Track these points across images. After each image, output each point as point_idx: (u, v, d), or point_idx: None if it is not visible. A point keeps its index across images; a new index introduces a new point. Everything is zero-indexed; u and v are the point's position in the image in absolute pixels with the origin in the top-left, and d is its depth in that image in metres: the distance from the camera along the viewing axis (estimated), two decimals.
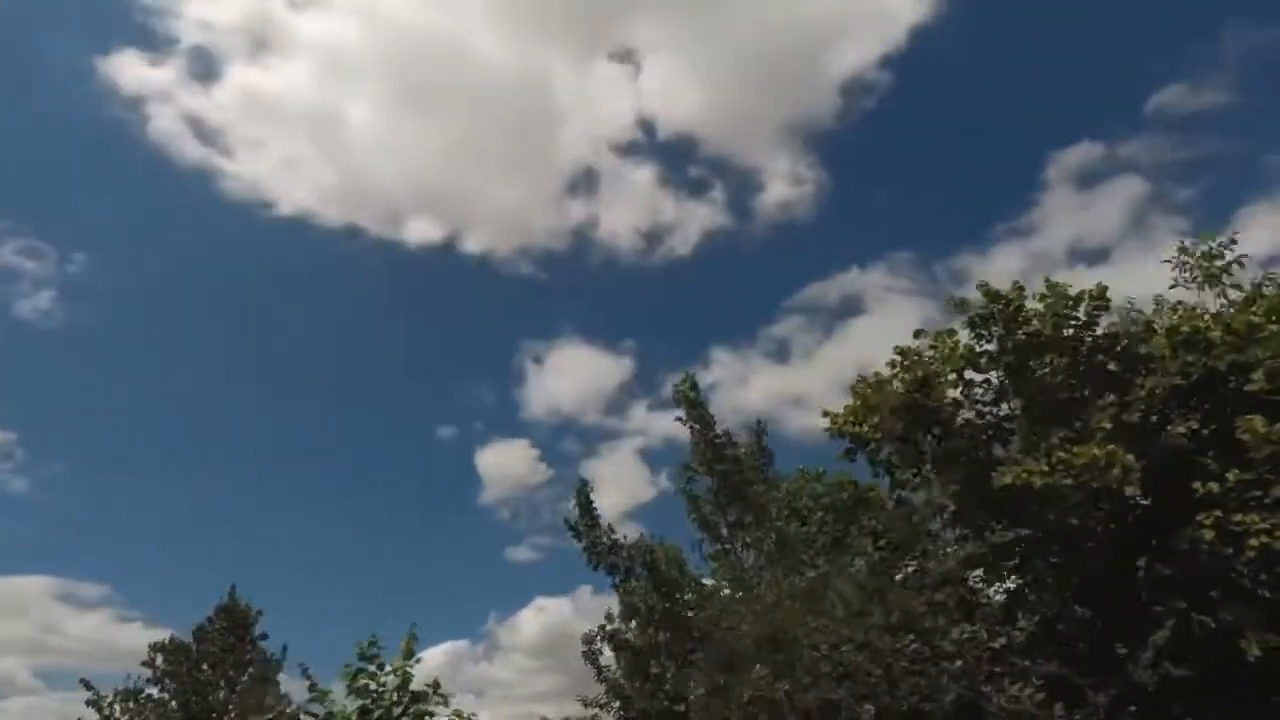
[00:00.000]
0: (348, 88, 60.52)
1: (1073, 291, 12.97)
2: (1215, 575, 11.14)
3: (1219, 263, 13.25)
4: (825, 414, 14.50)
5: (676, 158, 61.73)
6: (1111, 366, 12.74)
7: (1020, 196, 61.00)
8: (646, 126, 61.85)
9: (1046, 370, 12.90)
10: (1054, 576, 12.81)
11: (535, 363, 58.67)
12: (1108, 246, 54.30)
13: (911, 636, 12.19)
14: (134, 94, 58.40)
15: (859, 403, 14.10)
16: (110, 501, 56.40)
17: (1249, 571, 10.87)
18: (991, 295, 13.08)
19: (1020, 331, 13.00)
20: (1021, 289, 13.09)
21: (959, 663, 12.00)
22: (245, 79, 56.65)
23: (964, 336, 13.51)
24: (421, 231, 59.80)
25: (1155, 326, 12.87)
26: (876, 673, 11.82)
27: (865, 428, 13.99)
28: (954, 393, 13.59)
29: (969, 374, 13.62)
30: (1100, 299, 12.99)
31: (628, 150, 61.40)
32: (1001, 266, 53.46)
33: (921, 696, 11.78)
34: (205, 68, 63.58)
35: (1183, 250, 13.56)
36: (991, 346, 13.47)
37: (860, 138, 58.35)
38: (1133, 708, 11.50)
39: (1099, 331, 12.91)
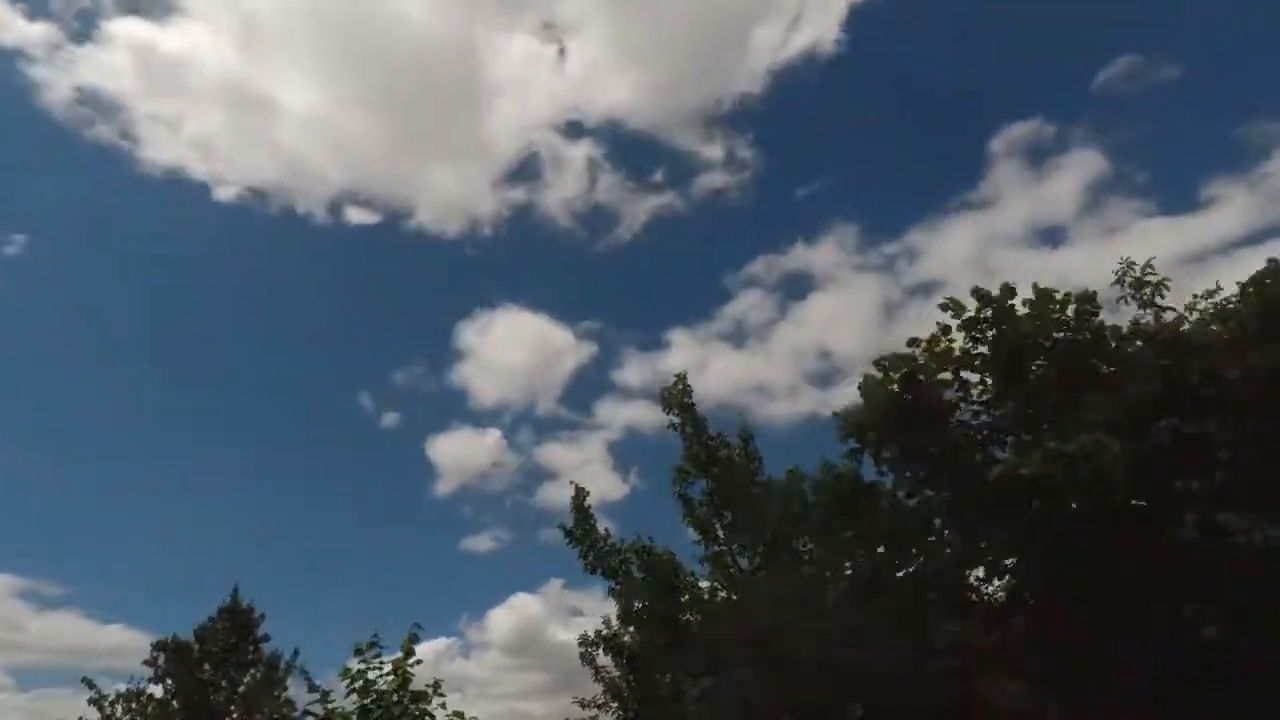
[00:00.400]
0: (265, 57, 58.68)
1: (1059, 295, 13.16)
2: (1204, 574, 11.28)
3: (1147, 289, 13.64)
4: (835, 414, 14.69)
5: (611, 138, 59.42)
6: (1101, 369, 12.90)
7: (968, 173, 59.47)
8: (579, 106, 61.10)
9: (1036, 372, 13.06)
10: (1047, 575, 12.94)
11: (482, 347, 56.84)
12: (1064, 226, 53.41)
13: (904, 635, 12.34)
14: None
15: (865, 401, 14.23)
16: (49, 491, 53.52)
17: (1238, 571, 11.02)
18: (983, 297, 13.25)
19: (1011, 334, 13.17)
20: (1012, 290, 13.25)
21: (951, 660, 12.15)
22: (144, 42, 54.93)
23: (959, 338, 13.66)
24: (355, 213, 57.22)
25: (1141, 329, 13.07)
26: (868, 671, 11.96)
27: (870, 429, 14.11)
28: (949, 394, 13.73)
29: (964, 375, 13.76)
30: (1089, 302, 13.20)
31: (563, 131, 60.06)
32: (955, 245, 52.76)
33: (914, 695, 11.92)
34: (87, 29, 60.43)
35: (1119, 278, 13.90)
36: (985, 349, 13.63)
37: (800, 114, 57.92)
38: (1127, 706, 11.64)
39: (1087, 335, 13.08)
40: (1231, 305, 13.02)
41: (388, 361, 61.53)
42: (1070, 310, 13.08)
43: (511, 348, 57.22)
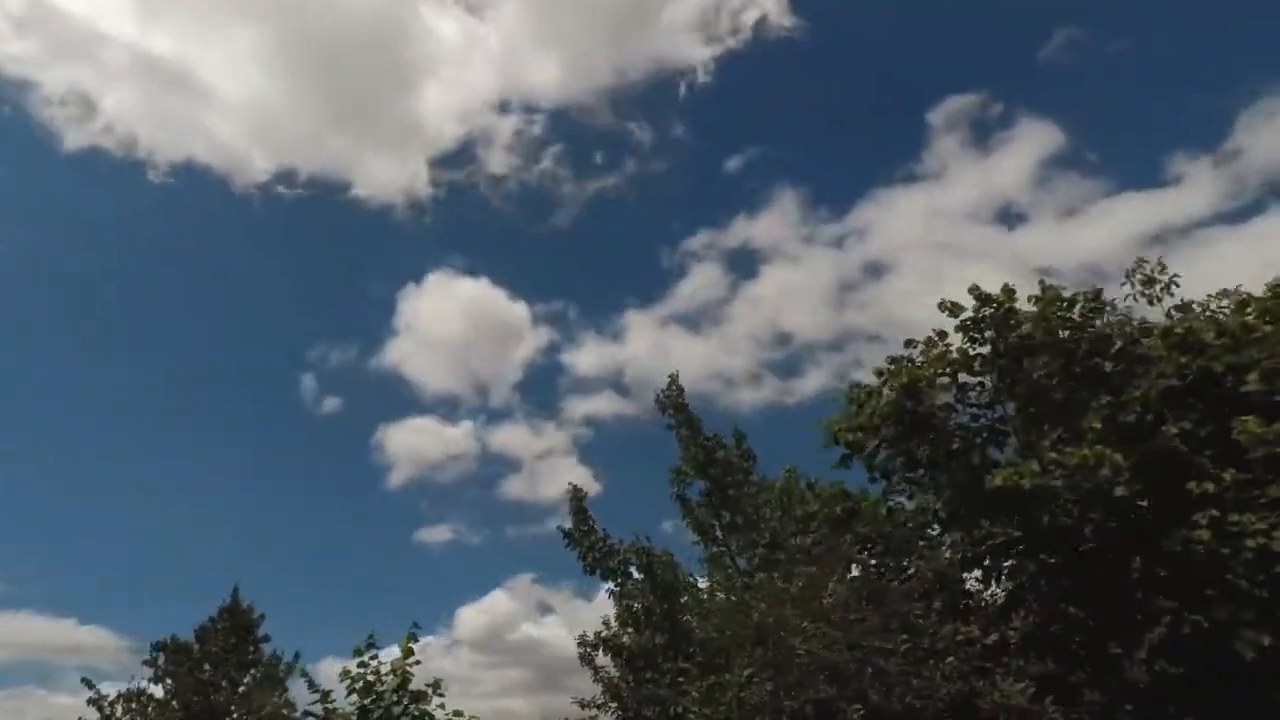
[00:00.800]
0: (194, 35, 58.84)
1: (1067, 294, 13.14)
2: (1211, 575, 11.26)
3: (1158, 286, 13.60)
4: (820, 422, 14.67)
5: (540, 118, 59.81)
6: (1107, 367, 12.86)
7: (911, 147, 59.73)
8: (508, 86, 61.21)
9: (1040, 373, 13.03)
10: (1048, 576, 12.92)
11: (425, 327, 55.98)
12: (1017, 202, 53.87)
13: (904, 636, 12.32)
14: None
15: (855, 409, 14.22)
16: None
17: (1245, 572, 10.99)
18: (982, 298, 13.23)
19: (1012, 334, 13.14)
20: (1012, 291, 13.23)
21: (951, 659, 12.13)
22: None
23: (956, 339, 13.65)
24: (290, 189, 56.81)
25: (1150, 327, 13.01)
26: (868, 672, 11.94)
27: (860, 434, 14.11)
28: (947, 397, 13.71)
29: (962, 377, 13.74)
30: (1095, 301, 13.15)
31: (496, 108, 60.62)
32: (903, 221, 53.42)
33: (914, 696, 11.90)
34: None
35: (1128, 275, 13.81)
36: (984, 349, 13.61)
37: (739, 87, 57.69)
38: (1127, 707, 11.61)
39: (1092, 333, 13.03)
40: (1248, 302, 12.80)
41: (325, 340, 59.78)
42: (1076, 311, 13.03)
43: (458, 329, 56.55)
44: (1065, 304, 13.12)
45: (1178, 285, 13.63)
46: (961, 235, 52.93)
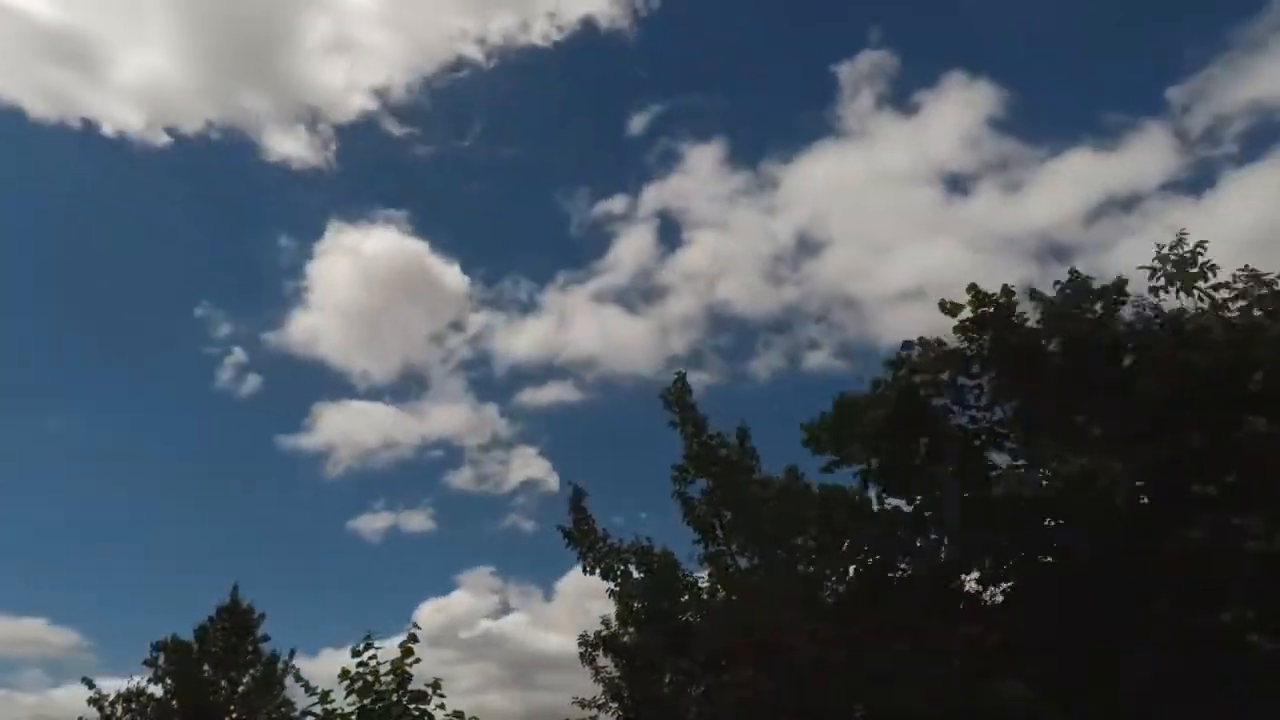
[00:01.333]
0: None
1: (1095, 285, 12.94)
2: (1213, 576, 11.24)
3: (1192, 269, 12.69)
4: (802, 427, 14.65)
5: (450, 79, 57.63)
6: (1109, 366, 12.82)
7: (826, 105, 57.58)
8: (411, 45, 60.92)
9: (1040, 374, 13.00)
10: (1048, 577, 12.92)
11: (338, 299, 54.27)
12: (951, 165, 52.52)
13: (904, 636, 12.31)
14: None
15: (837, 418, 14.19)
16: None
17: (1247, 573, 10.98)
18: (981, 299, 13.19)
19: (1012, 335, 13.11)
20: (1011, 292, 13.20)
21: (951, 660, 12.13)
22: None
23: (954, 340, 13.62)
24: (183, 146, 53.90)
25: (1164, 322, 12.76)
26: (868, 672, 11.94)
27: (845, 443, 14.07)
28: (944, 399, 13.69)
29: (961, 379, 13.72)
30: (1119, 292, 12.91)
31: (398, 70, 58.58)
32: (828, 182, 52.09)
33: (914, 697, 11.90)
34: None
35: (1159, 255, 12.93)
36: (984, 350, 13.58)
37: (646, 39, 55.53)
38: (1129, 708, 11.62)
39: (1113, 328, 12.87)
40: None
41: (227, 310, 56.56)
42: (1099, 305, 12.88)
43: (372, 296, 54.62)
44: (1091, 296, 12.94)
45: (1214, 272, 12.50)
46: (894, 196, 52.01)
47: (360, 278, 56.00)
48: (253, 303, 62.19)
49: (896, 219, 52.86)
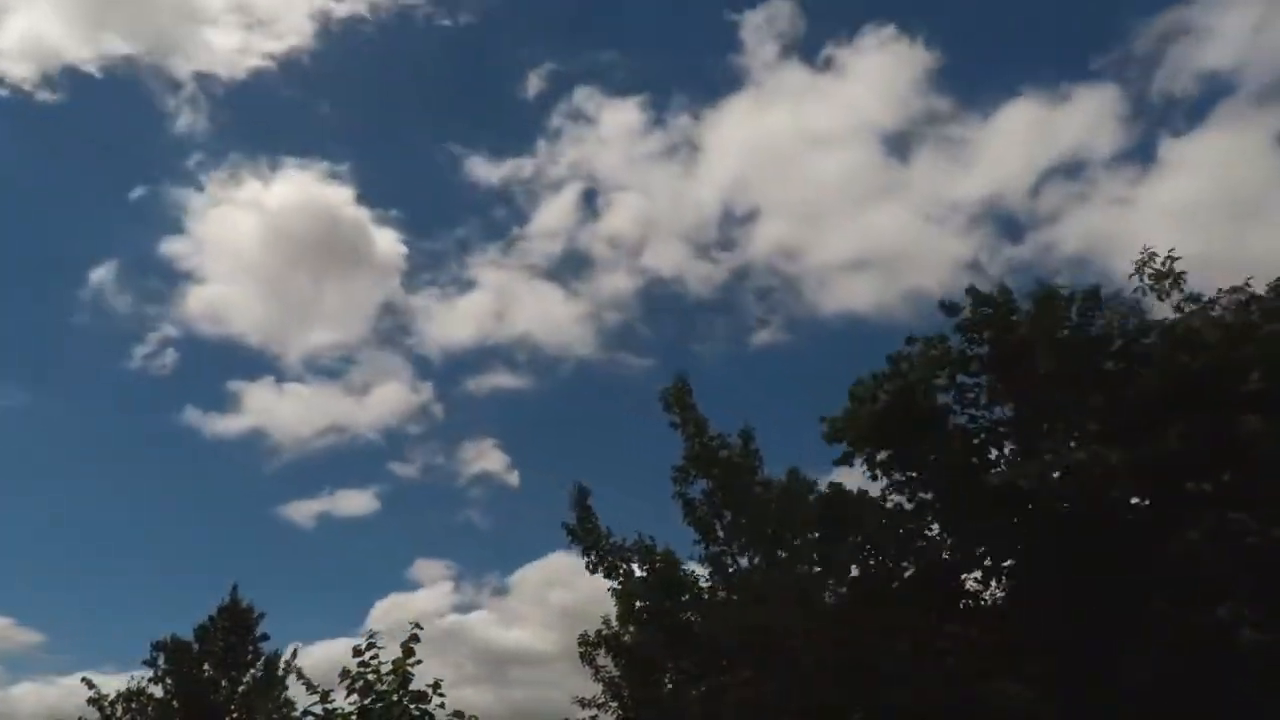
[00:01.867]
0: None
1: (1065, 293, 13.15)
2: (1210, 573, 11.26)
3: (1167, 281, 13.16)
4: (822, 420, 14.68)
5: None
6: (1108, 365, 12.86)
7: (731, 56, 54.60)
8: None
9: (1039, 373, 13.04)
10: (1047, 576, 12.94)
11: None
12: (887, 124, 50.87)
13: (904, 636, 12.34)
14: None
15: (855, 406, 14.22)
16: None
17: (1243, 570, 11.00)
18: (981, 299, 13.24)
19: (1010, 335, 13.16)
20: (1009, 293, 13.27)
21: (951, 660, 12.15)
22: None
23: (953, 340, 13.67)
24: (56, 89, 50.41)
25: (1152, 324, 12.91)
26: (868, 672, 11.96)
27: (860, 432, 14.11)
28: (945, 398, 13.73)
29: (960, 378, 13.76)
30: (1092, 298, 13.13)
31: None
32: (747, 139, 49.02)
33: (914, 696, 11.92)
34: None
35: (1139, 266, 13.36)
36: (983, 350, 13.63)
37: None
38: (1127, 706, 11.64)
39: (1092, 332, 13.02)
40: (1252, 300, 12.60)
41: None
42: (1074, 310, 13.03)
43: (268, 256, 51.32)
44: (1063, 303, 13.10)
45: (1184, 282, 13.10)
46: (827, 160, 48.83)
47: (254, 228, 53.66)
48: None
49: (822, 184, 49.63)
